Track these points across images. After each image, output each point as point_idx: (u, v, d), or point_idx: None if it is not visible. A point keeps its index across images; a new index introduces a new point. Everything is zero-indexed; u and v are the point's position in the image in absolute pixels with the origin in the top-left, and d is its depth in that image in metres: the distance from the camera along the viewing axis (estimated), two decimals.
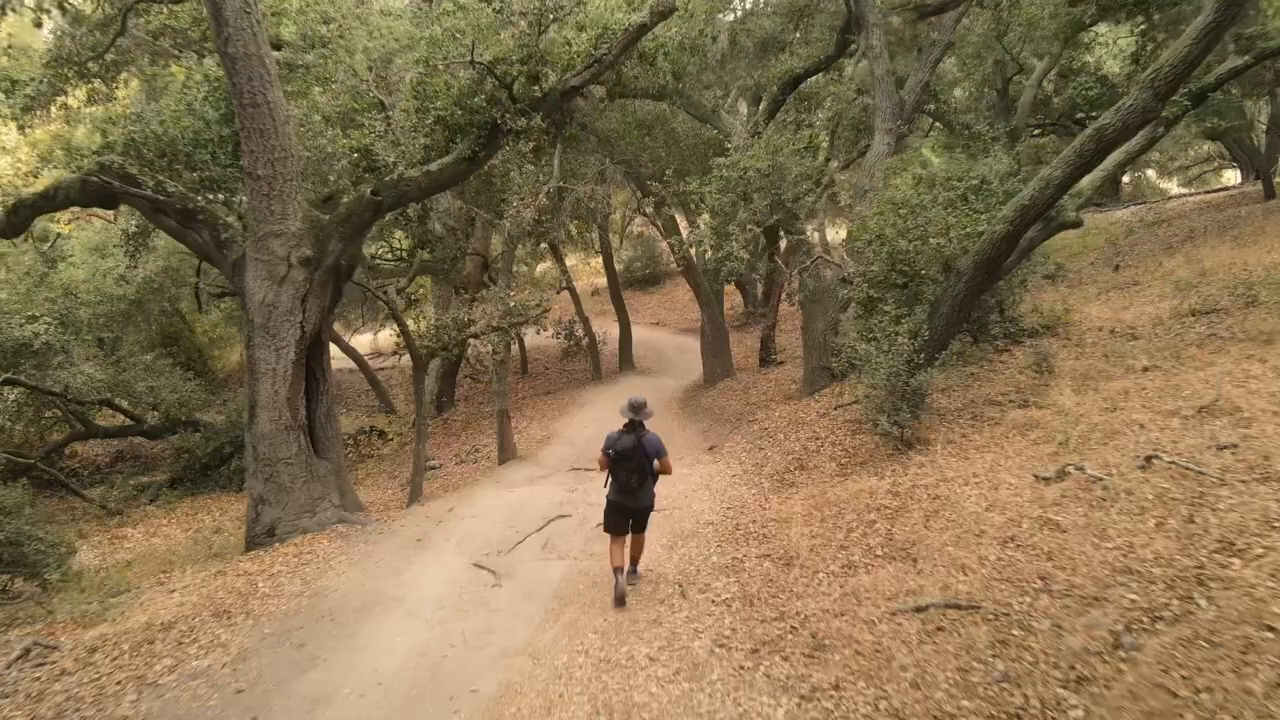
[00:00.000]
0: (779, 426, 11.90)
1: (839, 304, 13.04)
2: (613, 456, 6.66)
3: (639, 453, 6.60)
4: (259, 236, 9.48)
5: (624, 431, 6.66)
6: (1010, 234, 8.41)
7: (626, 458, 6.61)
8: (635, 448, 6.59)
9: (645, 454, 6.61)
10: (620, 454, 6.63)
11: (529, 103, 9.80)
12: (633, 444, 6.59)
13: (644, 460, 6.62)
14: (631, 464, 6.61)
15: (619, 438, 6.64)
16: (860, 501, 7.62)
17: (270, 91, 9.05)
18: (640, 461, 6.61)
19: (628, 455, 6.60)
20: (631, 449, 6.59)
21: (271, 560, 8.91)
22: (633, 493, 6.70)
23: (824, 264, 13.02)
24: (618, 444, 6.63)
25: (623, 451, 6.61)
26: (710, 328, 18.87)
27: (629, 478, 6.65)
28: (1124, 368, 9.26)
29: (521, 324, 12.47)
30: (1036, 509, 6.41)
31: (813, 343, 13.23)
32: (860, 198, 12.76)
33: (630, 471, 6.63)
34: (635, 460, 6.60)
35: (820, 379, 13.19)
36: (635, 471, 6.63)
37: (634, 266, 34.50)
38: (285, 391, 9.74)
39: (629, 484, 6.66)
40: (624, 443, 6.61)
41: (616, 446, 6.63)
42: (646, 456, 6.62)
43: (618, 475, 6.71)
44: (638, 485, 6.67)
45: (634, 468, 6.62)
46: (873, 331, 9.10)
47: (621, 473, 6.67)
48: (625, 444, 6.60)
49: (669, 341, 26.81)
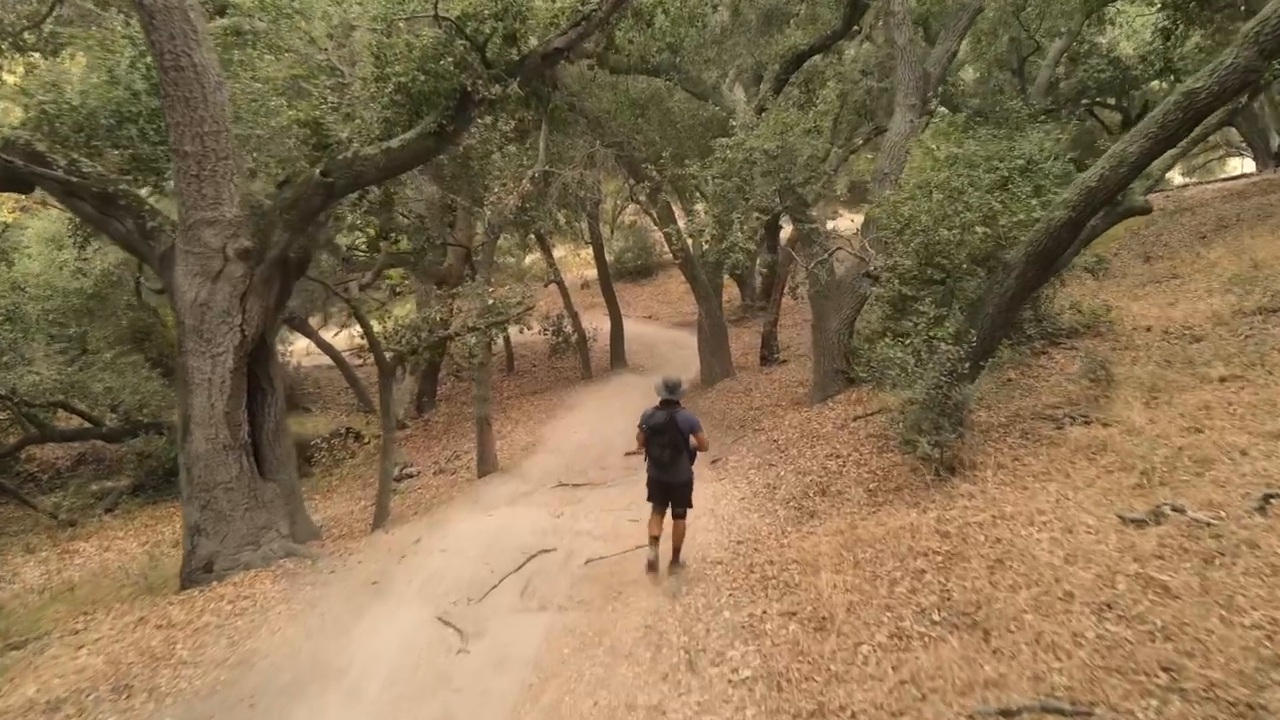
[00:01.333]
0: (790, 439, 10.59)
1: (855, 300, 11.74)
2: (647, 431, 7.02)
3: (672, 427, 6.91)
4: (189, 225, 8.10)
5: (658, 408, 7.00)
6: (1072, 221, 7.11)
7: (659, 432, 6.95)
8: (668, 423, 6.91)
9: (679, 430, 6.91)
10: (654, 428, 6.98)
11: (505, 68, 8.43)
12: (665, 419, 6.92)
13: (677, 436, 6.91)
14: (664, 438, 6.94)
15: (653, 414, 7.01)
16: (901, 543, 6.32)
17: (197, 52, 7.65)
18: (673, 436, 6.92)
19: (660, 430, 6.94)
20: (664, 424, 6.92)
21: (203, 606, 7.58)
22: (666, 467, 7.01)
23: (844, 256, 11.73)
24: (651, 420, 7.00)
25: (655, 426, 6.97)
26: (708, 324, 17.55)
27: (662, 452, 6.98)
28: (1195, 376, 7.99)
29: (502, 324, 11.13)
30: (1131, 563, 5.13)
31: (825, 343, 11.93)
32: (880, 182, 11.44)
33: (663, 446, 6.96)
34: (668, 435, 6.92)
35: (834, 384, 11.90)
36: (668, 446, 6.95)
37: (625, 257, 33.09)
38: (223, 405, 8.38)
39: (662, 458, 7.00)
40: (657, 418, 6.97)
41: (650, 422, 7.01)
42: (680, 432, 6.91)
43: (651, 450, 7.06)
44: (670, 460, 6.98)
45: (666, 442, 6.94)
46: (907, 336, 7.80)
47: (655, 447, 7.02)
48: (658, 419, 6.96)
49: (663, 336, 25.46)
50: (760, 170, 11.12)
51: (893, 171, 11.37)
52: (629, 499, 9.77)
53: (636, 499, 9.74)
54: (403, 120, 8.50)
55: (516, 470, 13.25)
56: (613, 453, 13.86)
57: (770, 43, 16.12)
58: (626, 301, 29.90)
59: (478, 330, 10.37)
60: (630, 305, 29.55)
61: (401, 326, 10.14)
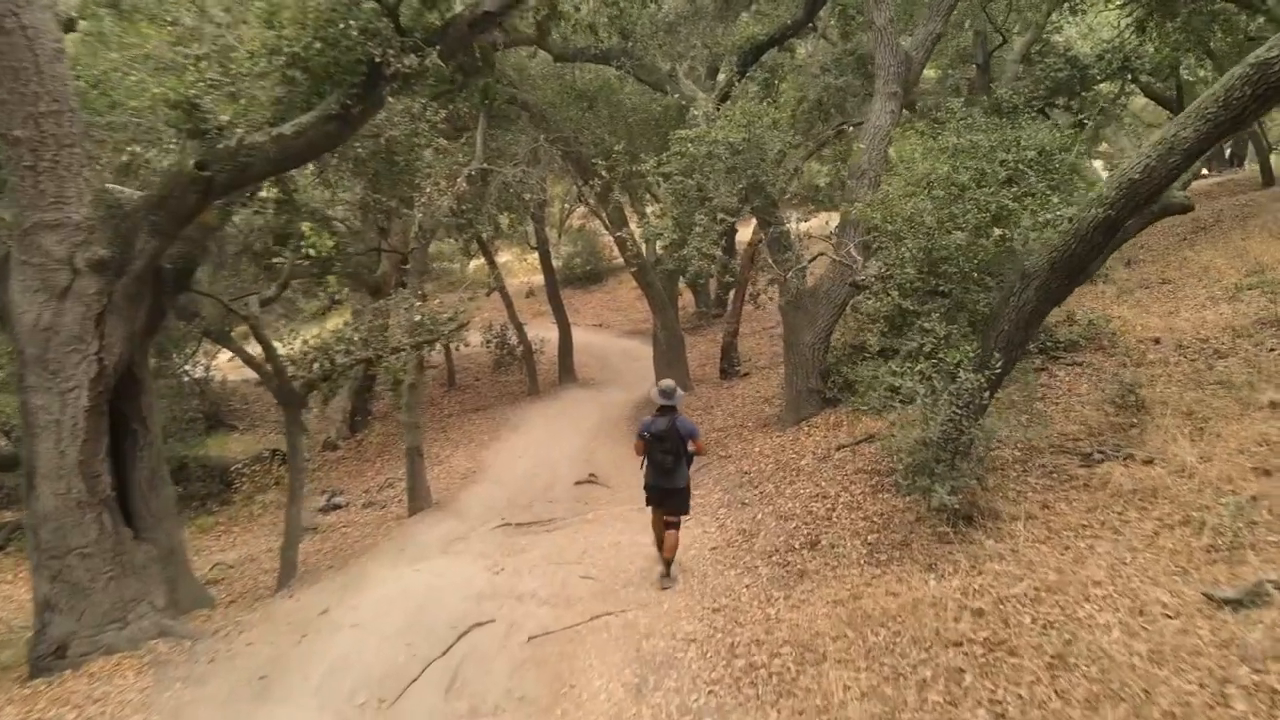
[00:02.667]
0: (764, 471, 9.29)
1: (832, 311, 10.52)
2: (648, 439, 6.90)
3: (673, 434, 6.82)
4: (26, 229, 6.46)
5: (658, 415, 6.91)
6: (1110, 221, 5.93)
7: (662, 439, 6.85)
8: (670, 429, 6.82)
9: (680, 436, 6.84)
10: (656, 436, 6.87)
11: (423, 36, 6.96)
12: (667, 426, 6.84)
13: (678, 442, 6.84)
14: (666, 445, 6.85)
15: (653, 421, 6.92)
16: (924, 624, 5.04)
17: (27, 12, 6.05)
18: (674, 443, 6.84)
19: (662, 437, 6.84)
20: (666, 431, 6.83)
21: (42, 710, 5.97)
22: (669, 473, 6.91)
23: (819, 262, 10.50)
24: (652, 427, 6.90)
25: (658, 434, 6.86)
26: (664, 335, 16.22)
27: (664, 458, 6.87)
28: (1238, 401, 6.90)
29: (431, 342, 9.63)
30: (1237, 664, 3.93)
31: (799, 360, 10.68)
32: (858, 179, 10.25)
33: (665, 453, 6.86)
34: (670, 442, 6.84)
35: (808, 405, 10.65)
36: (670, 453, 6.85)
37: (574, 263, 31.57)
38: (76, 452, 6.73)
39: (664, 465, 6.89)
40: (659, 425, 6.86)
41: (652, 429, 6.90)
42: (680, 439, 6.84)
43: (653, 457, 6.93)
44: (673, 466, 6.89)
45: (669, 449, 6.85)
46: (912, 359, 6.55)
47: (657, 454, 6.89)
48: (660, 426, 6.86)
49: (614, 347, 24.06)
50: (724, 166, 9.86)
51: (872, 167, 10.19)
52: (581, 546, 8.37)
53: (590, 546, 8.36)
54: (299, 100, 6.96)
55: (453, 505, 11.73)
56: (561, 482, 12.43)
57: (728, 32, 14.93)
58: (575, 309, 28.43)
59: (402, 351, 8.85)
60: (579, 313, 28.09)
61: (311, 348, 8.57)
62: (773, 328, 20.98)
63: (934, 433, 6.01)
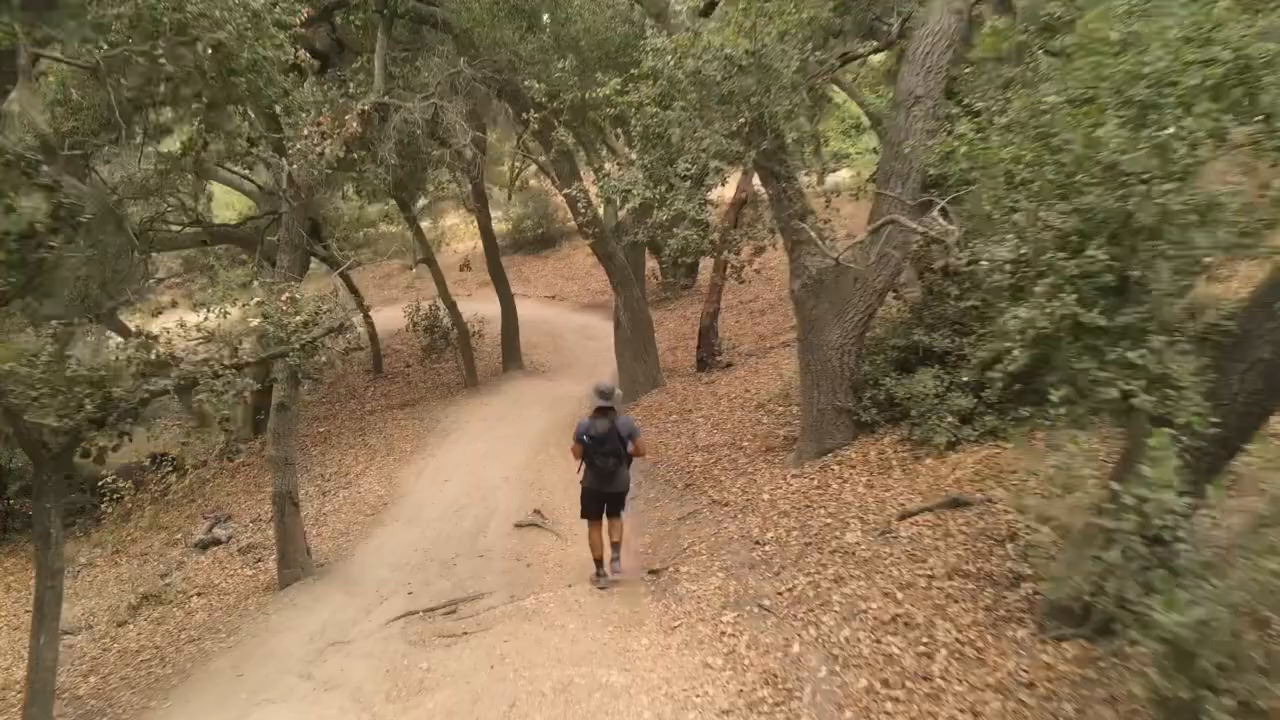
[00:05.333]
0: (790, 548, 6.23)
1: (868, 300, 7.48)
2: (587, 443, 6.53)
3: (613, 436, 6.51)
4: None
5: (595, 417, 6.53)
6: None
7: (602, 442, 6.51)
8: (609, 432, 6.50)
9: (620, 438, 6.54)
10: (595, 439, 6.51)
11: None
12: (607, 428, 6.50)
13: (619, 444, 6.55)
14: (607, 448, 6.52)
15: (591, 424, 6.53)
16: None
17: None
18: (615, 445, 6.53)
19: (602, 439, 6.51)
20: (606, 433, 6.50)
21: None
22: (610, 477, 6.62)
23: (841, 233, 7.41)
24: (591, 430, 6.51)
25: (597, 437, 6.50)
26: (628, 318, 13.06)
27: (605, 461, 6.57)
28: None
29: (276, 358, 6.39)
30: None
31: (820, 365, 7.64)
32: (908, 107, 7.14)
33: (607, 455, 6.55)
34: (610, 444, 6.52)
35: (835, 429, 7.66)
36: (611, 454, 6.55)
37: (524, 225, 27.96)
38: None
39: (606, 468, 6.59)
40: (598, 428, 6.50)
41: (591, 433, 6.51)
42: (621, 440, 6.55)
43: (594, 461, 6.60)
44: (614, 469, 6.61)
45: (609, 451, 6.53)
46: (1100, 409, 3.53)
47: (598, 458, 6.57)
48: (600, 429, 6.49)
49: (569, 323, 20.79)
50: (721, 92, 6.77)
51: (929, 93, 7.09)
52: (509, 692, 5.25)
53: (522, 690, 5.27)
54: None
55: (345, 565, 8.58)
56: (496, 521, 9.37)
57: None
58: (526, 279, 25.09)
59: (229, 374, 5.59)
60: (530, 283, 24.77)
61: (43, 371, 5.21)
62: (751, 301, 17.89)
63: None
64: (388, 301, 22.01)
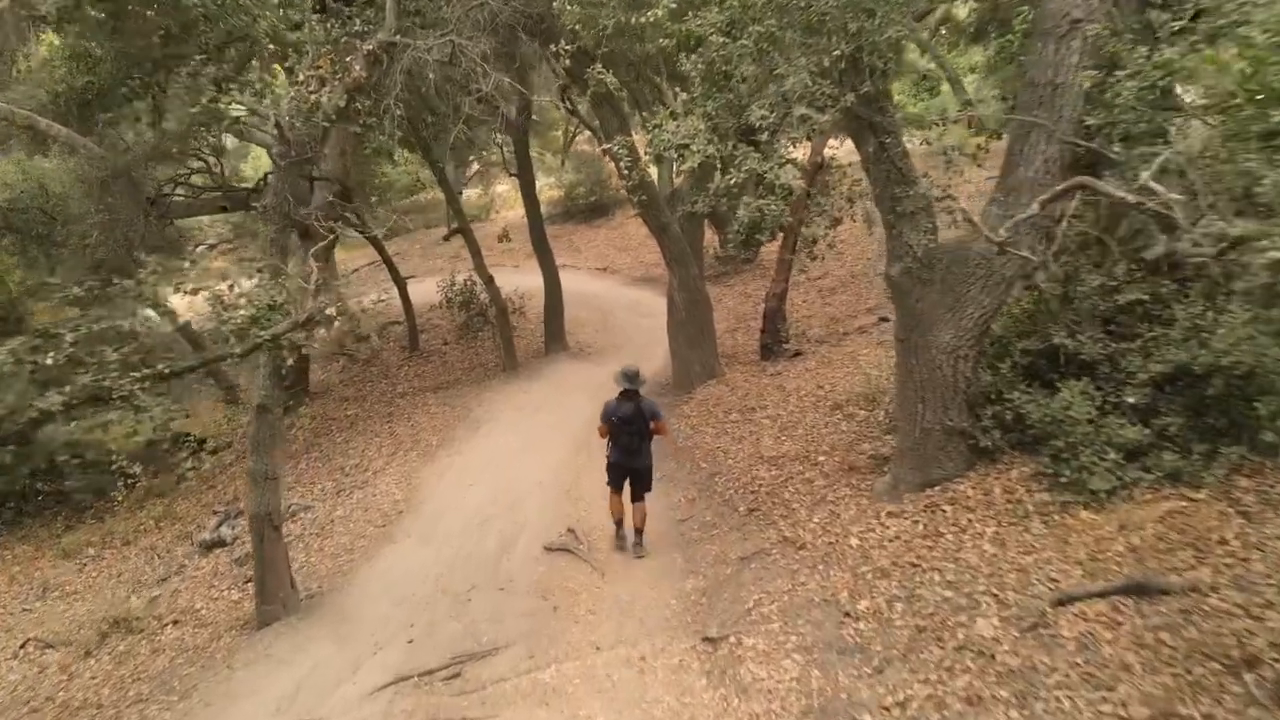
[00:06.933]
0: (896, 629, 4.60)
1: (996, 291, 5.73)
2: (615, 423, 6.81)
3: (639, 417, 6.75)
4: None
5: (622, 399, 6.77)
6: None
7: (629, 422, 6.78)
8: (635, 413, 6.74)
9: (645, 419, 6.78)
10: (622, 419, 6.78)
11: None
12: (633, 410, 6.75)
13: (643, 425, 6.80)
14: (633, 428, 6.78)
15: (618, 406, 6.79)
16: None
17: None
18: (640, 425, 6.79)
19: (629, 420, 6.77)
20: (633, 414, 6.75)
21: None
22: (635, 454, 6.89)
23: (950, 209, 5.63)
24: (618, 411, 6.80)
25: (624, 418, 6.77)
26: (684, 299, 11.41)
27: (631, 440, 6.84)
28: None
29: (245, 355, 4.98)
30: None
31: (928, 374, 5.94)
32: (1058, 36, 5.32)
33: (632, 434, 6.81)
34: (636, 424, 6.77)
35: (945, 456, 5.96)
36: (636, 434, 6.81)
37: (577, 192, 26.23)
38: None
39: (631, 446, 6.86)
40: (625, 410, 6.77)
41: (618, 414, 6.79)
42: (645, 420, 6.78)
43: (620, 440, 6.88)
44: (638, 447, 6.87)
45: (635, 430, 6.79)
46: None
47: (624, 436, 6.84)
48: (626, 410, 6.76)
49: (620, 298, 19.19)
50: (808, 17, 5.15)
51: (1091, 14, 5.25)
52: None
53: None
54: None
55: (339, 595, 7.23)
56: (524, 540, 7.95)
57: None
58: (576, 249, 23.54)
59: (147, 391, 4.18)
60: (581, 254, 23.21)
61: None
62: (820, 279, 16.02)
63: None
64: (432, 272, 20.69)
